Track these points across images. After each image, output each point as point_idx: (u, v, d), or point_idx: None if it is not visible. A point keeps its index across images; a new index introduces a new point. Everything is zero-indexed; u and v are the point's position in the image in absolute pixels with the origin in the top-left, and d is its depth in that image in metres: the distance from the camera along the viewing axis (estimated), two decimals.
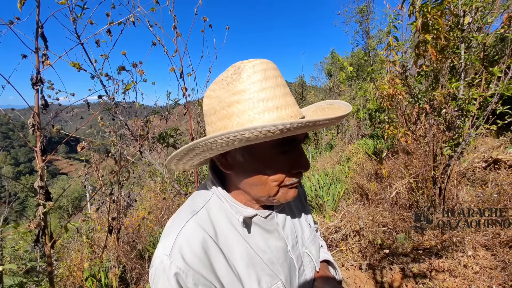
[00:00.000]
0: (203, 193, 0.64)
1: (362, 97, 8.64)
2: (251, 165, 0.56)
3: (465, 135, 2.56)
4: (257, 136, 0.45)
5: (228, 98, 0.53)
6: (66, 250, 3.44)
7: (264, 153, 0.54)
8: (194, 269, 0.51)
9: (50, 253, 1.45)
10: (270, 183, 0.56)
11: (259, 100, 0.52)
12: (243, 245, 0.59)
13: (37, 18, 1.33)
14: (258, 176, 0.56)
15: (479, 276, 2.14)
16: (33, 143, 1.41)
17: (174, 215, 0.62)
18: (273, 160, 0.55)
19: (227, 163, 0.59)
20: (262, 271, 0.59)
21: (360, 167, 5.37)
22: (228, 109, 0.53)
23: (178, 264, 0.50)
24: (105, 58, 1.82)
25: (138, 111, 2.24)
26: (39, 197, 1.35)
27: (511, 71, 2.35)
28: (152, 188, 4.85)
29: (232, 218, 0.61)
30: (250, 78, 0.52)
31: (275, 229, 0.65)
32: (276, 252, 0.63)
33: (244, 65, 0.54)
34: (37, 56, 1.36)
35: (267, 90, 0.52)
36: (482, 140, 4.72)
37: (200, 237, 0.54)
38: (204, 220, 0.57)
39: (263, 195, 0.58)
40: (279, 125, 0.43)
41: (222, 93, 0.55)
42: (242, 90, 0.52)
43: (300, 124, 0.45)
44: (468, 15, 2.48)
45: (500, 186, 3.02)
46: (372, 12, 14.04)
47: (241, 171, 0.58)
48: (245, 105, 0.52)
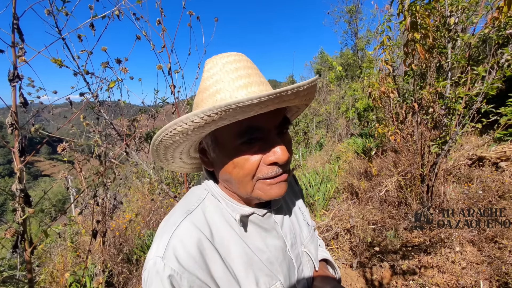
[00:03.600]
0: (197, 192, 0.62)
1: (351, 96, 8.76)
2: (222, 160, 0.54)
3: (452, 133, 2.61)
4: (198, 123, 0.47)
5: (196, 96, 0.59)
6: (48, 255, 3.30)
7: (229, 145, 0.52)
8: (189, 271, 0.48)
9: (30, 260, 1.36)
10: (242, 178, 0.53)
11: (206, 87, 0.55)
12: (240, 245, 0.56)
13: (13, 10, 1.25)
14: (229, 171, 0.54)
15: (466, 271, 2.18)
16: (12, 144, 1.32)
17: (168, 215, 0.60)
18: (239, 152, 0.52)
19: (208, 161, 0.58)
20: (260, 271, 0.57)
21: (350, 166, 5.42)
22: (199, 95, 0.58)
23: (172, 266, 0.48)
24: (89, 54, 1.74)
25: (124, 110, 2.16)
26: (18, 201, 1.27)
27: (494, 70, 2.41)
28: (139, 190, 4.73)
29: (228, 217, 0.58)
30: (208, 72, 0.56)
31: (273, 228, 0.63)
32: (274, 251, 0.61)
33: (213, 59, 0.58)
34: (13, 51, 1.28)
35: (213, 76, 0.55)
36: (466, 138, 4.86)
37: (195, 238, 0.52)
38: (199, 220, 0.55)
39: (241, 192, 0.56)
40: (207, 111, 0.44)
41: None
42: (203, 87, 0.56)
43: (233, 106, 0.42)
44: (454, 15, 2.53)
45: (484, 183, 3.11)
46: (361, 12, 14.28)
47: (218, 168, 0.57)
48: (202, 95, 0.56)
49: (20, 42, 1.30)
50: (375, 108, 4.25)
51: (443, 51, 2.68)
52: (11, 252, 1.32)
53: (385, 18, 2.64)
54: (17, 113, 1.33)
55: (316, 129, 10.59)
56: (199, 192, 0.62)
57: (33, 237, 1.36)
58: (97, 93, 1.57)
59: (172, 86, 1.67)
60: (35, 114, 1.54)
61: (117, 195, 2.09)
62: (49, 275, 2.74)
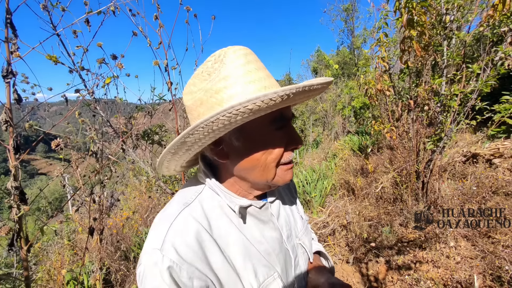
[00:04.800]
0: (194, 185, 0.62)
1: (347, 94, 8.79)
2: (249, 147, 0.55)
3: (447, 130, 2.64)
4: (259, 106, 0.45)
5: (216, 85, 0.52)
6: (45, 253, 3.28)
7: (261, 132, 0.54)
8: (188, 262, 0.48)
9: (26, 258, 1.36)
10: (268, 164, 0.55)
11: (247, 83, 0.51)
12: (238, 237, 0.57)
13: (6, 5, 1.23)
14: (256, 158, 0.55)
15: (460, 266, 2.22)
16: (7, 142, 1.31)
17: (162, 210, 0.60)
18: (271, 137, 0.55)
19: (222, 152, 0.57)
20: (258, 262, 0.58)
21: (346, 163, 5.45)
22: (217, 96, 0.52)
23: (171, 257, 0.47)
24: (84, 51, 1.72)
25: (121, 107, 2.14)
26: (14, 199, 1.27)
27: (489, 68, 2.44)
28: (137, 187, 4.71)
29: (227, 209, 0.59)
30: (234, 63, 0.52)
31: (269, 220, 0.64)
32: (272, 242, 0.62)
33: (224, 52, 0.54)
34: (7, 46, 1.26)
35: (252, 72, 0.52)
36: (461, 135, 4.91)
37: (194, 229, 0.52)
38: (197, 212, 0.55)
39: (262, 179, 0.57)
40: (280, 91, 0.44)
41: (206, 84, 0.54)
42: (228, 76, 0.52)
43: (298, 89, 0.47)
44: (450, 13, 2.55)
45: (478, 179, 3.15)
46: (357, 10, 14.28)
47: (238, 157, 0.56)
48: (234, 89, 0.51)
49: (13, 38, 1.28)
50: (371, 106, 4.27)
51: (438, 48, 2.70)
52: (7, 250, 1.31)
53: (382, 14, 2.65)
54: (11, 110, 1.32)
55: (312, 127, 10.61)
56: (196, 186, 0.62)
57: (29, 235, 1.36)
58: (92, 90, 1.55)
59: (169, 83, 1.66)
60: (30, 111, 1.53)
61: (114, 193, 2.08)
62: (46, 273, 2.73)
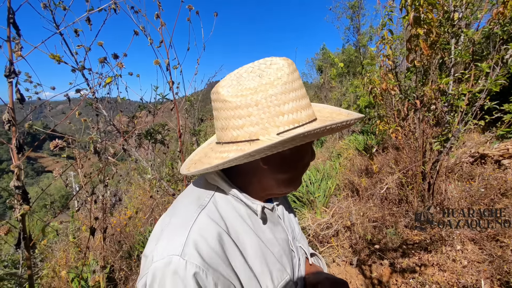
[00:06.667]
0: (204, 187, 0.60)
1: (352, 93, 8.70)
2: (294, 157, 0.58)
3: (454, 130, 2.58)
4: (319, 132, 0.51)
5: (279, 95, 0.52)
6: (50, 250, 3.32)
7: (306, 146, 0.60)
8: (213, 267, 0.46)
9: (30, 256, 1.37)
10: (302, 170, 0.62)
11: (297, 98, 0.54)
12: (254, 239, 0.56)
13: (8, 4, 1.23)
14: (297, 166, 0.60)
15: (467, 270, 2.17)
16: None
17: (168, 215, 0.56)
18: (307, 149, 0.61)
19: (267, 158, 0.55)
20: (273, 265, 0.57)
21: (351, 163, 5.40)
22: (281, 107, 0.52)
23: (196, 263, 0.44)
24: (87, 50, 1.72)
25: (123, 106, 2.14)
26: (16, 198, 1.27)
27: (498, 67, 2.37)
28: (141, 186, 4.74)
29: (241, 211, 0.58)
30: (290, 76, 0.54)
31: (278, 222, 0.66)
32: (283, 244, 0.63)
33: (282, 62, 0.56)
34: (9, 46, 1.26)
35: (301, 88, 0.56)
36: (468, 135, 4.82)
37: (215, 231, 0.50)
38: (214, 214, 0.53)
39: (289, 187, 0.62)
40: (345, 120, 0.55)
41: (259, 86, 0.53)
42: (288, 89, 0.53)
43: (348, 121, 0.56)
44: (458, 10, 2.48)
45: (487, 180, 3.08)
46: (363, 8, 14.11)
47: (279, 164, 0.57)
48: (293, 104, 0.53)
49: (16, 37, 1.28)
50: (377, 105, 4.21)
51: (446, 47, 2.64)
52: (15, 248, 1.32)
53: (386, 11, 2.59)
54: (14, 110, 1.32)
55: None
56: (206, 188, 0.60)
57: (37, 233, 1.36)
58: (94, 89, 1.55)
59: (171, 82, 1.65)
60: (33, 110, 1.53)
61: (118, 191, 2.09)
62: (51, 270, 2.76)
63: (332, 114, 0.65)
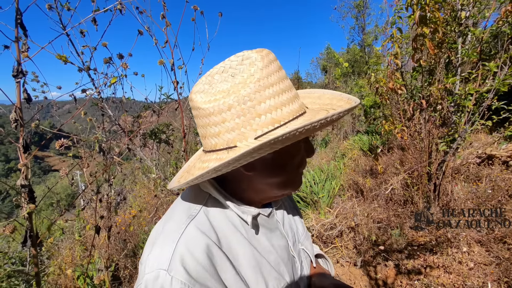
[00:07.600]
0: (195, 195, 0.58)
1: (357, 93, 8.65)
2: (281, 159, 0.53)
3: (461, 130, 2.55)
4: (300, 132, 0.45)
5: (252, 95, 0.47)
6: (57, 248, 3.37)
7: (295, 144, 0.53)
8: (200, 282, 0.44)
9: (36, 254, 1.39)
10: (295, 171, 0.56)
11: (275, 94, 0.49)
12: (248, 248, 0.54)
13: (16, 5, 1.25)
14: (287, 168, 0.54)
15: (473, 272, 2.14)
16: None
17: (163, 220, 0.55)
18: (298, 147, 0.56)
19: (249, 164, 0.51)
20: (269, 275, 0.55)
21: (355, 163, 5.36)
22: (256, 108, 0.47)
23: (181, 279, 0.43)
24: (92, 52, 1.74)
25: (128, 106, 2.16)
26: (23, 196, 1.29)
27: (507, 66, 2.33)
28: (145, 185, 4.77)
29: (235, 220, 0.55)
30: (264, 71, 0.48)
31: (276, 228, 0.63)
32: (280, 251, 0.60)
33: (255, 56, 0.50)
34: (17, 46, 1.28)
35: (282, 81, 0.51)
36: (475, 136, 4.75)
37: (203, 244, 0.48)
38: (204, 225, 0.51)
39: (285, 189, 0.57)
40: (331, 116, 0.46)
41: (231, 87, 0.48)
42: (262, 85, 0.48)
43: (340, 113, 0.48)
44: (465, 9, 2.45)
45: (494, 181, 3.03)
46: (369, 7, 14.01)
47: (266, 169, 0.53)
48: (270, 102, 0.48)
49: (23, 38, 1.30)
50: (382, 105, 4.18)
51: (452, 46, 2.60)
52: (22, 246, 1.35)
53: (395, 9, 2.56)
54: (21, 109, 1.34)
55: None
56: (198, 196, 0.57)
57: (43, 231, 1.38)
58: (99, 89, 1.57)
59: (175, 82, 1.66)
60: (40, 109, 1.55)
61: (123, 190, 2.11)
62: (57, 267, 2.80)
63: (332, 100, 0.60)
